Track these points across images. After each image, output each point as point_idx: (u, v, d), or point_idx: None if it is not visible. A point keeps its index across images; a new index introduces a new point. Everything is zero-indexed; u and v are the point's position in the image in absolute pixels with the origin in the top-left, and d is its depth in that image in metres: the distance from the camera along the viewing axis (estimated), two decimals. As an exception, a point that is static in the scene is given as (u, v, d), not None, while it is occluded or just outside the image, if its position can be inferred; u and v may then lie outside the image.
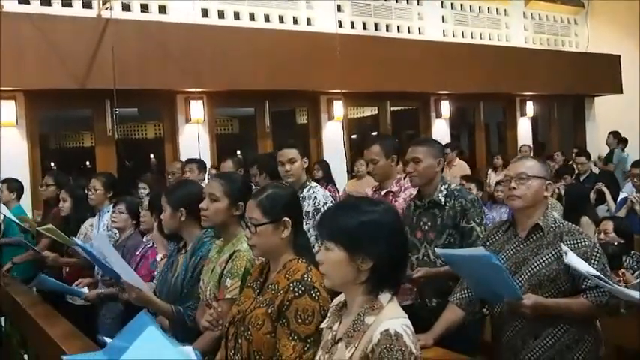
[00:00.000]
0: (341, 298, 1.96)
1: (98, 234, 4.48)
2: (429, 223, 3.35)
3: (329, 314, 1.99)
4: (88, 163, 10.18)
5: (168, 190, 3.16)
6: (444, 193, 3.35)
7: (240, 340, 2.20)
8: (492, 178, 8.79)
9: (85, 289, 4.22)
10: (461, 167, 8.37)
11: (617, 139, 10.81)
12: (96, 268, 4.12)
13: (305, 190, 4.03)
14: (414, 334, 1.77)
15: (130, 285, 2.90)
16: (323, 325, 1.98)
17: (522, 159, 2.77)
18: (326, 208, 3.57)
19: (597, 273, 2.43)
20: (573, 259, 2.41)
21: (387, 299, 1.81)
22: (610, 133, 10.97)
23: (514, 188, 2.62)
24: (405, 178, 3.82)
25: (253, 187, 2.93)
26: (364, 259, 1.80)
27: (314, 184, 4.18)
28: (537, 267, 2.54)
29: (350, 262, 1.81)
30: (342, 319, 1.90)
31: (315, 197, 3.99)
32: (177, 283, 2.93)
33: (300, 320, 2.08)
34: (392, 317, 1.77)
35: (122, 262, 3.10)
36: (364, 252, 1.80)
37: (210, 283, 2.67)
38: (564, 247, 2.44)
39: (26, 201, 6.89)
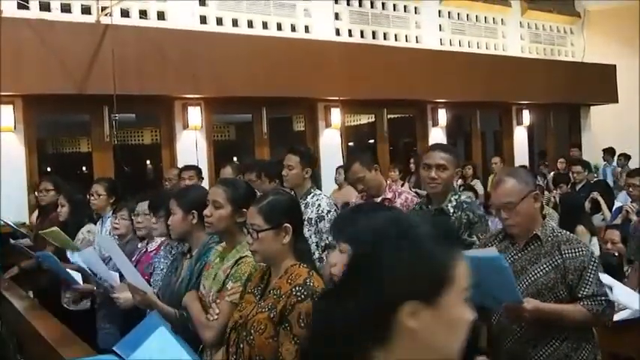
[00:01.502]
0: None
1: (102, 236, 4.47)
2: None
3: None
4: (84, 168, 10.18)
5: (178, 194, 3.16)
6: (454, 203, 3.23)
7: (241, 345, 2.21)
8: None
9: (80, 279, 4.20)
10: None
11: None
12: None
13: (309, 197, 4.08)
14: None
15: (134, 287, 2.90)
16: None
17: (501, 183, 2.64)
18: (339, 212, 3.57)
19: None
20: (622, 296, 2.42)
21: None
22: (572, 145, 11.12)
23: (507, 218, 2.60)
24: (399, 183, 3.86)
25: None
26: None
27: (318, 191, 4.23)
28: (535, 276, 2.55)
29: None
30: None
31: (319, 204, 4.04)
32: (182, 288, 2.93)
33: (302, 324, 2.09)
34: None
35: (128, 264, 3.10)
36: None
37: (213, 288, 2.67)
38: (609, 280, 2.43)
39: (23, 206, 6.91)
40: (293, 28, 9.08)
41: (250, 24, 8.71)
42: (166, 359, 2.09)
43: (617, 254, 4.38)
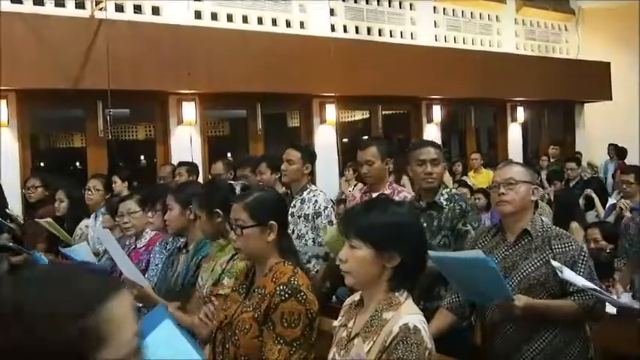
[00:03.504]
0: (354, 297, 1.98)
1: (100, 229, 4.46)
2: (425, 224, 3.25)
3: (341, 313, 2.01)
4: (78, 163, 10.15)
5: (175, 189, 3.17)
6: (445, 196, 3.36)
7: (227, 345, 2.19)
8: (451, 185, 8.68)
9: None
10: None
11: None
12: None
13: (305, 193, 4.08)
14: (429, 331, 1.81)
15: (131, 282, 2.89)
16: (335, 323, 2.00)
17: (509, 164, 2.79)
18: (349, 207, 3.57)
19: (594, 286, 2.46)
20: (569, 275, 2.44)
21: (404, 297, 1.84)
22: (553, 144, 11.08)
23: (503, 194, 2.64)
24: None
25: (236, 187, 2.90)
26: (391, 257, 1.82)
27: (314, 187, 4.22)
28: (527, 271, 2.57)
29: (377, 259, 1.83)
30: (357, 316, 1.92)
31: (316, 200, 4.03)
32: (178, 282, 2.94)
33: (286, 324, 2.07)
34: (410, 313, 1.80)
35: (125, 258, 3.10)
36: (392, 250, 1.82)
37: (208, 281, 2.68)
38: (557, 264, 2.46)
39: (16, 201, 6.88)
40: (288, 24, 9.06)
41: (245, 19, 8.69)
42: (171, 352, 2.09)
43: (608, 251, 4.40)
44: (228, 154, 9.79)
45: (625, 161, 10.53)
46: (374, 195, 3.90)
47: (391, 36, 10.07)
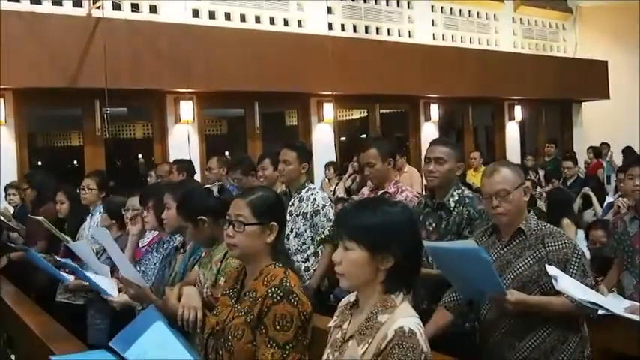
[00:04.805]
0: (350, 297, 1.96)
1: (97, 227, 4.45)
2: (434, 225, 3.26)
3: (337, 313, 1.97)
4: (75, 162, 10.14)
5: (173, 188, 3.14)
6: (456, 198, 3.23)
7: (220, 352, 2.14)
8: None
9: (71, 277, 4.18)
10: (411, 174, 7.51)
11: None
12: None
13: (303, 192, 4.09)
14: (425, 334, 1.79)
15: (128, 281, 2.87)
16: (331, 324, 1.96)
17: (494, 172, 2.66)
18: (342, 207, 3.54)
19: (591, 299, 2.46)
20: (565, 284, 2.43)
21: (400, 299, 1.82)
22: (549, 143, 11.02)
23: (497, 206, 2.61)
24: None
25: (214, 189, 2.87)
26: (385, 258, 1.79)
27: (312, 185, 4.23)
28: (520, 269, 2.58)
29: (371, 261, 1.80)
30: (353, 317, 1.89)
31: (314, 199, 4.04)
32: (175, 282, 2.92)
33: (278, 327, 2.03)
34: (405, 316, 1.78)
35: (123, 257, 3.08)
36: (386, 251, 1.79)
37: (207, 281, 2.65)
38: (553, 272, 2.45)
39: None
40: (286, 23, 9.06)
41: (243, 18, 8.69)
42: (163, 354, 2.07)
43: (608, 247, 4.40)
44: (226, 153, 9.78)
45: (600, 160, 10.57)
46: (379, 193, 3.91)
47: (389, 34, 10.08)
